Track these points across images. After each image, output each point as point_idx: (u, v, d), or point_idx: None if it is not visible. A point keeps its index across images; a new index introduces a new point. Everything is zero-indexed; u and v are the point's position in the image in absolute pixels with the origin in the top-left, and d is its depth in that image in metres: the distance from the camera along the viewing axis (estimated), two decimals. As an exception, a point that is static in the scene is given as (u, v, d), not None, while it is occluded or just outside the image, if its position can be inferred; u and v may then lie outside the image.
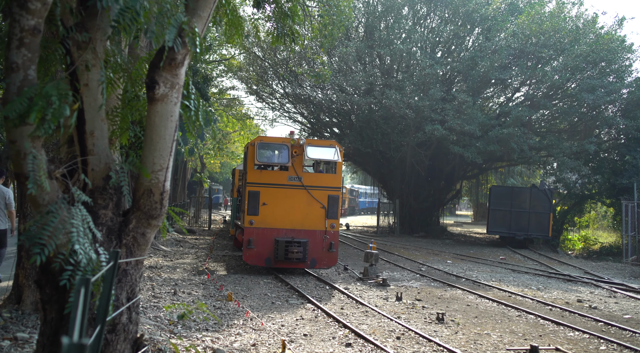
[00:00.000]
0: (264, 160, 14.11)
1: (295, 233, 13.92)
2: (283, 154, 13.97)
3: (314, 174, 14.54)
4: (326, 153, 14.19)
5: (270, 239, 13.78)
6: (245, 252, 13.77)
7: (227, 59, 29.65)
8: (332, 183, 14.24)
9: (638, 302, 13.61)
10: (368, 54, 29.43)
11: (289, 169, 13.96)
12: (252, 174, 13.93)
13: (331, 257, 14.11)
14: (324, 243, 14.00)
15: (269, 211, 13.80)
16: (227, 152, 35.26)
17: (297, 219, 13.93)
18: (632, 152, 27.26)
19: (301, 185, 13.95)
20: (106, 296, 3.83)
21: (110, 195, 4.69)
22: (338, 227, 14.08)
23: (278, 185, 13.89)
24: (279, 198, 13.83)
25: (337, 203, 14.09)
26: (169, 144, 4.41)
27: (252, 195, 13.75)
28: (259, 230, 13.75)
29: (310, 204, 13.95)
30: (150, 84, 4.25)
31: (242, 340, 7.85)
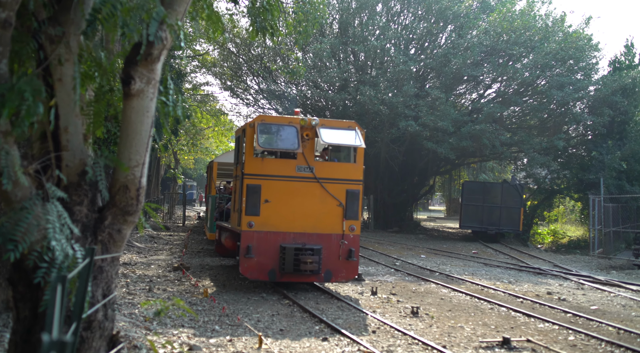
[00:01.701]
0: (267, 146, 11.25)
1: (306, 238, 11.27)
2: (291, 138, 11.26)
3: (329, 163, 11.74)
4: (345, 136, 11.43)
5: (275, 246, 11.09)
6: (243, 262, 10.95)
7: (200, 54, 29.42)
8: (351, 175, 11.58)
9: (604, 293, 13.99)
10: (342, 51, 29.51)
11: (298, 156, 11.33)
12: (251, 163, 11.17)
13: (350, 268, 11.44)
14: (342, 250, 11.37)
15: (272, 210, 11.14)
16: (201, 148, 35.01)
17: (308, 220, 11.30)
18: (599, 148, 27.91)
19: (313, 177, 11.30)
20: (82, 293, 3.81)
21: (85, 191, 4.65)
22: (359, 230, 11.58)
23: (284, 178, 11.25)
24: (286, 193, 11.23)
25: (357, 200, 11.48)
26: (145, 139, 4.39)
27: (251, 190, 11.02)
28: (260, 235, 11.05)
29: (324, 201, 11.37)
30: (126, 79, 4.23)
31: (219, 336, 7.85)
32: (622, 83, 27.83)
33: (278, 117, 11.85)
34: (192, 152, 34.90)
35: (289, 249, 10.98)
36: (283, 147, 11.34)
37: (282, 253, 11.04)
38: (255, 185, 11.11)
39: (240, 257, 11.00)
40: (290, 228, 11.21)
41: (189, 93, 30.25)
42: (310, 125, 11.21)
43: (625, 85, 28.28)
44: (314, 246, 11.14)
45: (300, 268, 10.95)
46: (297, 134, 11.18)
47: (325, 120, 11.59)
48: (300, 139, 11.18)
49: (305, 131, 11.27)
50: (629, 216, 28.18)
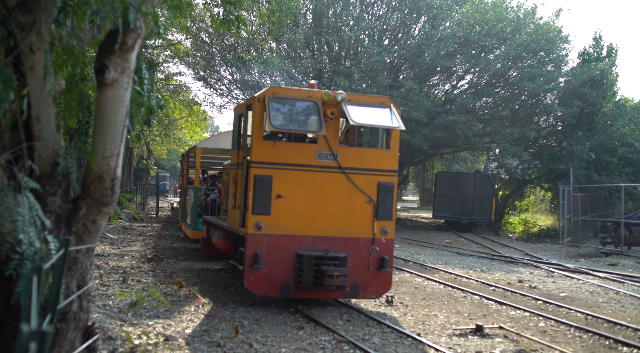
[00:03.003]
0: (282, 126, 8.94)
1: (329, 244, 9.14)
2: (311, 117, 9.09)
3: (357, 149, 9.56)
4: (378, 115, 9.20)
5: (289, 253, 8.96)
6: (250, 274, 8.81)
7: (173, 44, 29.05)
8: (384, 164, 9.40)
9: (573, 280, 14.34)
10: (316, 41, 29.45)
11: (319, 140, 9.18)
12: (260, 148, 8.93)
13: (382, 281, 9.32)
14: (372, 259, 9.24)
15: (286, 208, 8.98)
16: (174, 138, 34.67)
17: (331, 221, 9.16)
18: (569, 138, 28.48)
19: (337, 166, 9.16)
20: (56, 284, 3.77)
21: (59, 182, 4.60)
22: (393, 233, 9.42)
23: (301, 167, 9.06)
24: (303, 187, 9.08)
25: (391, 196, 9.32)
26: (119, 129, 4.35)
27: (260, 183, 8.84)
28: (271, 240, 8.88)
29: (350, 197, 9.22)
30: (100, 68, 4.18)
31: (195, 326, 7.84)
32: (590, 75, 28.39)
33: (294, 90, 9.34)
34: (165, 142, 34.53)
35: (308, 258, 8.81)
36: (302, 128, 9.05)
37: (298, 262, 8.91)
38: (265, 176, 8.88)
39: (245, 268, 8.81)
40: (308, 231, 9.05)
41: (162, 83, 29.89)
42: (334, 100, 9.07)
43: (593, 77, 28.86)
44: (338, 254, 9.00)
45: (323, 283, 8.74)
46: (318, 112, 8.98)
47: (353, 95, 9.38)
48: (323, 119, 8.99)
49: (329, 108, 9.04)
50: (597, 205, 28.89)
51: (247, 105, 9.72)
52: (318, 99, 9.10)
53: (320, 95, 9.09)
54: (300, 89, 9.42)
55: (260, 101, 8.99)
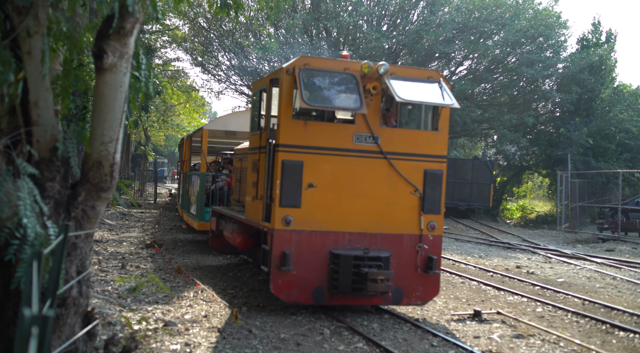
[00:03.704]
0: (316, 103, 7.69)
1: (368, 241, 7.96)
2: (350, 92, 7.85)
3: (401, 131, 8.39)
4: (426, 91, 8.03)
5: (323, 253, 7.79)
6: (277, 277, 7.61)
7: (170, 29, 28.86)
8: (432, 149, 8.24)
9: (570, 266, 14.41)
10: (315, 27, 29.27)
11: (357, 120, 7.98)
12: (289, 129, 7.72)
13: (429, 284, 8.21)
14: (419, 259, 8.12)
15: (319, 200, 7.80)
16: (172, 124, 34.59)
17: (371, 215, 8.01)
18: (567, 124, 28.47)
19: (378, 151, 7.99)
20: (56, 270, 3.78)
21: (58, 167, 4.58)
22: (441, 229, 8.31)
23: (337, 151, 7.87)
24: (338, 175, 7.90)
25: (439, 186, 8.21)
26: (118, 115, 4.33)
27: (289, 170, 7.66)
28: (301, 236, 7.71)
29: (393, 187, 8.06)
30: (98, 53, 4.15)
31: (194, 312, 7.88)
32: (589, 61, 28.31)
33: (328, 61, 8.08)
34: (162, 128, 34.46)
35: (345, 258, 7.65)
36: (339, 105, 7.88)
37: (333, 263, 7.74)
38: (294, 162, 7.67)
39: (271, 270, 7.62)
40: (344, 227, 7.90)
41: (159, 68, 29.74)
42: (375, 73, 7.84)
43: (592, 63, 28.79)
44: (380, 253, 7.85)
45: (364, 288, 7.53)
46: (357, 86, 7.76)
47: (396, 67, 8.25)
48: (363, 95, 7.74)
49: (369, 82, 7.81)
50: (594, 191, 28.96)
51: (272, 80, 8.46)
52: (356, 71, 7.85)
53: (359, 67, 7.86)
54: (336, 59, 8.09)
55: (289, 73, 7.70)
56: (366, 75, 7.84)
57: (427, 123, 8.82)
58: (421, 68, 8.36)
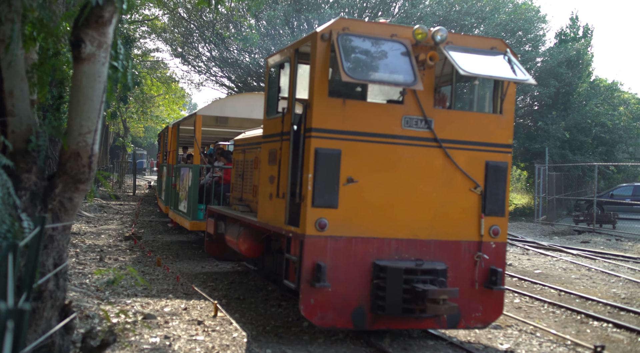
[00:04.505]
0: (361, 76, 6.26)
1: (418, 250, 6.54)
2: (400, 63, 6.36)
3: (458, 114, 6.97)
4: (491, 64, 6.62)
5: (364, 264, 6.33)
6: (308, 295, 6.13)
7: (150, 19, 28.50)
8: (495, 136, 6.86)
9: (547, 258, 14.64)
10: (296, 18, 29.13)
11: (406, 100, 6.55)
12: (324, 110, 6.28)
13: (491, 303, 6.76)
14: (479, 271, 6.70)
15: (361, 198, 6.37)
16: (152, 116, 34.24)
17: (423, 216, 6.60)
18: (544, 118, 28.82)
19: (432, 137, 6.60)
20: (32, 262, 3.72)
21: (34, 159, 4.51)
22: (505, 234, 6.88)
23: (382, 138, 6.47)
24: (384, 167, 6.47)
25: (504, 181, 6.84)
26: (97, 105, 4.26)
27: (323, 160, 6.23)
28: (339, 244, 6.25)
29: (449, 182, 6.68)
30: (75, 42, 4.07)
31: (174, 305, 7.84)
32: (567, 55, 28.66)
33: (372, 25, 6.56)
34: (142, 120, 34.10)
35: (394, 272, 6.17)
36: (389, 79, 6.34)
37: (377, 278, 6.28)
38: (330, 150, 6.23)
39: (301, 287, 6.12)
40: (390, 232, 6.44)
41: (139, 59, 29.38)
42: (430, 41, 6.36)
43: (570, 57, 29.15)
44: (435, 264, 6.43)
45: (422, 309, 6.10)
46: (409, 57, 6.30)
47: (454, 34, 6.75)
48: (417, 67, 6.28)
49: (425, 52, 6.36)
50: (571, 184, 29.39)
51: (297, 50, 6.85)
52: (407, 38, 6.38)
53: (410, 33, 6.38)
54: (381, 23, 6.63)
55: (325, 39, 6.23)
56: (418, 43, 6.36)
57: (484, 104, 7.54)
58: (483, 36, 7.06)
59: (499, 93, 6.93)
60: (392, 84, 6.48)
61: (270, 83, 7.91)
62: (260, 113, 11.89)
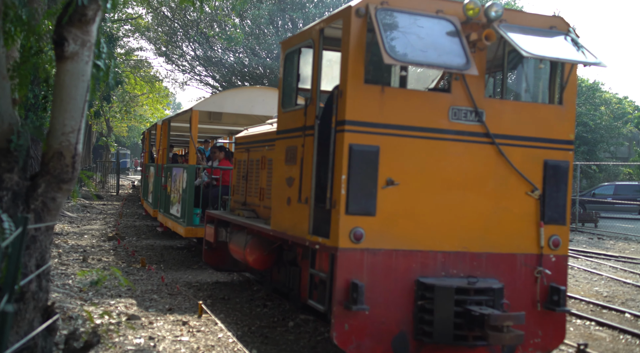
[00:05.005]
0: (405, 57, 5.26)
1: (469, 264, 5.66)
2: (448, 44, 5.44)
3: (512, 104, 6.09)
4: (553, 45, 5.73)
5: (406, 282, 5.48)
6: (342, 321, 5.23)
7: (133, 18, 28.29)
8: (554, 131, 5.97)
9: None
10: (281, 18, 29.10)
11: (454, 87, 5.65)
12: (360, 97, 5.38)
13: (553, 326, 5.88)
14: (539, 289, 5.83)
15: (402, 203, 5.49)
16: (135, 115, 33.98)
17: (473, 225, 5.71)
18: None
19: (483, 132, 5.71)
20: (14, 263, 3.68)
21: (15, 158, 4.45)
22: (567, 246, 5.99)
23: (426, 133, 5.59)
24: (429, 167, 5.61)
25: (565, 184, 5.95)
26: (80, 104, 4.22)
27: (359, 159, 5.34)
28: (377, 259, 5.37)
29: (503, 185, 5.80)
30: (58, 40, 4.03)
31: (158, 305, 7.79)
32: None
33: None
34: (125, 119, 33.84)
35: (443, 291, 5.26)
36: (439, 61, 5.33)
37: (422, 298, 5.39)
38: (367, 147, 5.33)
39: (333, 311, 5.22)
40: (436, 244, 5.55)
41: (122, 58, 29.16)
42: (483, 18, 5.49)
43: (553, 58, 29.43)
44: (490, 282, 5.52)
45: (475, 337, 5.23)
46: (459, 37, 5.42)
47: (509, 10, 5.84)
48: (468, 48, 5.38)
49: (477, 31, 5.46)
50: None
51: (322, 30, 5.91)
52: (456, 15, 5.52)
53: (459, 9, 5.52)
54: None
55: (361, 15, 5.31)
56: (469, 20, 5.48)
57: (537, 93, 6.62)
58: (541, 14, 6.13)
59: (558, 80, 6.03)
60: (442, 68, 5.56)
61: (286, 71, 6.87)
62: (262, 109, 11.24)
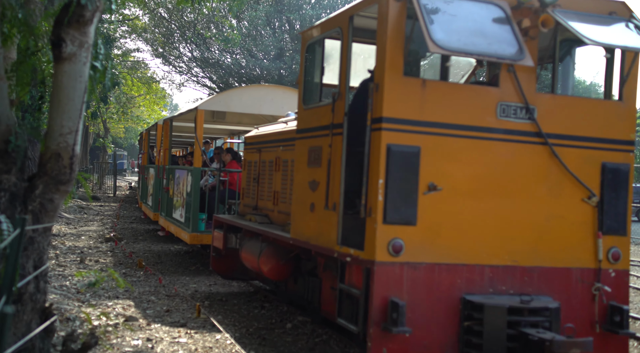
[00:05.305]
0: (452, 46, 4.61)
1: (519, 280, 5.06)
2: (498, 32, 4.85)
3: (565, 99, 5.45)
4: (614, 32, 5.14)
5: (451, 300, 4.86)
6: (380, 343, 4.60)
7: (130, 19, 28.27)
8: (613, 130, 5.34)
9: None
10: (278, 19, 29.13)
11: (503, 80, 5.05)
12: (399, 91, 4.81)
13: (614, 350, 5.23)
14: (598, 309, 5.19)
15: (445, 211, 4.92)
16: (132, 116, 33.97)
17: (523, 236, 5.11)
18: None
19: (535, 131, 5.11)
20: (12, 265, 3.67)
21: (13, 159, 4.45)
22: (627, 261, 5.36)
23: (471, 132, 5.01)
24: (475, 170, 5.04)
25: (625, 189, 5.32)
26: (78, 105, 4.22)
27: (398, 161, 4.75)
28: (418, 274, 4.79)
29: (556, 190, 5.19)
30: (56, 41, 4.03)
31: (155, 307, 7.78)
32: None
33: None
34: (122, 120, 33.81)
35: (494, 311, 4.68)
36: (489, 51, 4.74)
37: (468, 318, 4.81)
38: (407, 147, 4.80)
39: (370, 333, 4.67)
40: (482, 257, 4.98)
41: (119, 59, 29.13)
42: (536, 3, 4.94)
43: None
44: (546, 301, 4.95)
45: None
46: (510, 24, 4.87)
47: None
48: (520, 34, 4.84)
49: (530, 17, 4.95)
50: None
51: (351, 17, 5.37)
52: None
53: None
54: None
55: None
56: (520, 4, 4.99)
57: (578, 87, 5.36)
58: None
59: (614, 72, 5.44)
60: (494, 58, 4.84)
61: (307, 64, 6.27)
62: (271, 108, 11.01)
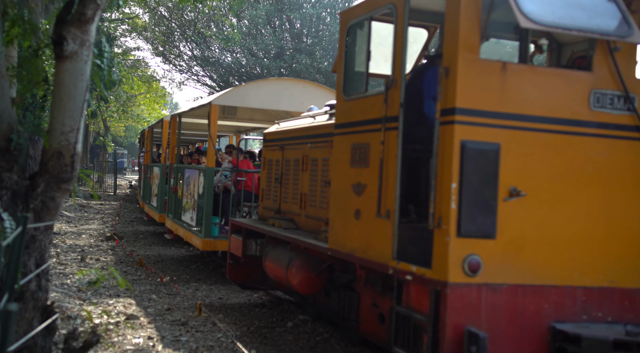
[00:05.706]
0: (547, 20, 3.81)
1: (619, 305, 4.14)
2: (599, 4, 4.03)
3: None
4: None
5: (537, 330, 3.97)
6: None
7: (131, 17, 28.27)
8: None
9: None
10: (278, 18, 29.12)
11: (596, 64, 4.13)
12: (473, 77, 3.92)
13: None
14: None
15: (529, 221, 4.02)
16: (132, 115, 33.97)
17: (622, 251, 4.20)
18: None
19: (636, 126, 4.22)
20: (14, 263, 3.68)
21: (15, 157, 4.45)
22: None
23: (559, 125, 4.11)
24: (562, 172, 4.12)
25: None
26: (79, 104, 4.22)
27: (474, 159, 3.87)
28: (499, 298, 3.91)
29: None
30: (57, 40, 4.03)
31: (157, 305, 7.78)
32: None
33: None
34: (122, 119, 33.82)
35: (596, 346, 3.79)
36: (590, 26, 3.96)
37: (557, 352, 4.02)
38: (486, 145, 3.98)
39: None
40: (574, 277, 4.17)
41: (119, 58, 29.15)
42: None
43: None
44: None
45: None
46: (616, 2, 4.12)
47: None
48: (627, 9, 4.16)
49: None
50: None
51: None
52: None
53: None
54: None
55: None
56: None
57: None
58: None
59: None
60: (596, 34, 3.98)
61: (349, 49, 5.39)
62: (290, 104, 10.30)
